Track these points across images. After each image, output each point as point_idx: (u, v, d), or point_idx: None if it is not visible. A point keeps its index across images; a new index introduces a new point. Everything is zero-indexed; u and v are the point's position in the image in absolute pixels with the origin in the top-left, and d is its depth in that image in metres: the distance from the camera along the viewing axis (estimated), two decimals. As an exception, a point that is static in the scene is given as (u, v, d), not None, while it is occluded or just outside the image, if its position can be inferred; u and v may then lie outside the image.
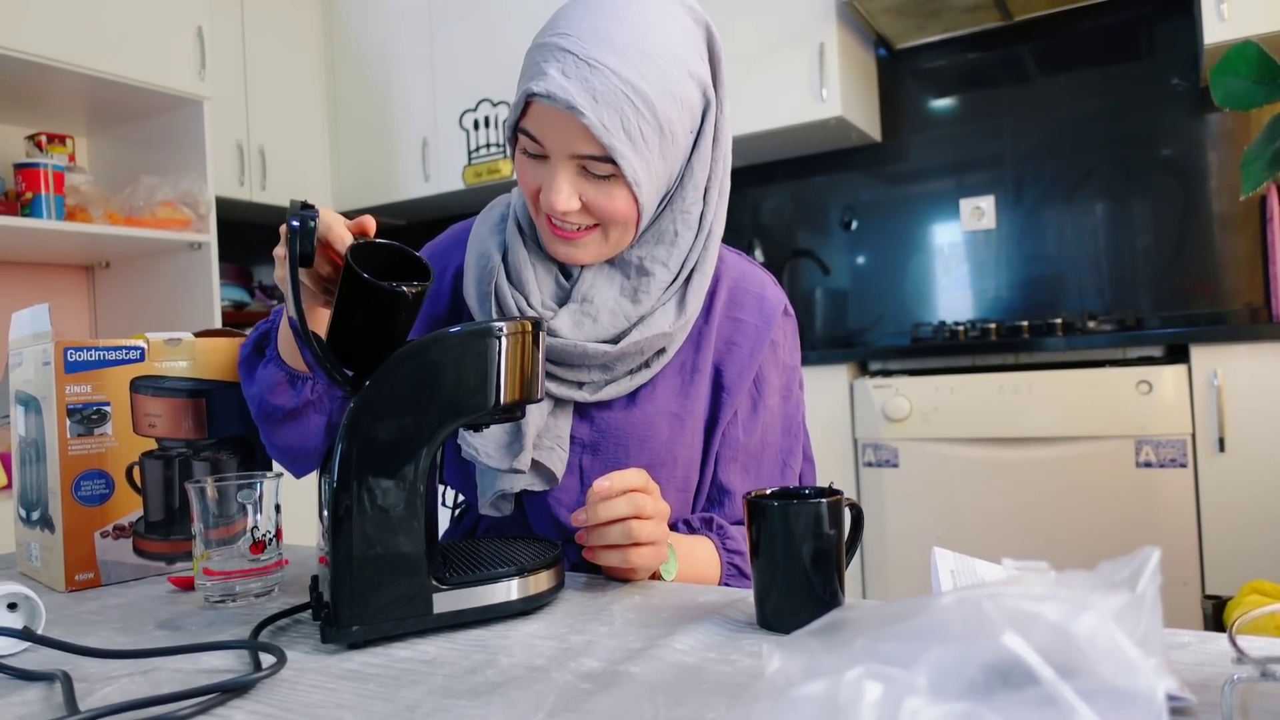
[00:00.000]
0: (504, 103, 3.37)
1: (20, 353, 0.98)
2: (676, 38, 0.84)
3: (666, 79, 0.83)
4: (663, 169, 0.87)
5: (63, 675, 0.60)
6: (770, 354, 1.00)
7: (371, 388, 0.68)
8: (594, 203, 0.86)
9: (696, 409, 0.96)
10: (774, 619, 0.66)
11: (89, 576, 0.91)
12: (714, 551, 0.93)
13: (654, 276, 0.92)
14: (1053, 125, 2.86)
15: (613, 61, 0.81)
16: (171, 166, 2.81)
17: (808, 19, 2.81)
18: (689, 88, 0.86)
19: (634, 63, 0.81)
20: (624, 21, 0.82)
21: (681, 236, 0.92)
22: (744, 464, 0.99)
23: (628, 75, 0.81)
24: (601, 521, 0.76)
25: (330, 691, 0.58)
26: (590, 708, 0.52)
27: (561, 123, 0.82)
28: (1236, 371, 2.07)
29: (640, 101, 0.82)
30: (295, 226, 0.69)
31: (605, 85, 0.80)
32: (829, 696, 0.33)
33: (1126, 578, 0.36)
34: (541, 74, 0.82)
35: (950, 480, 2.37)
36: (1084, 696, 0.31)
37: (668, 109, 0.84)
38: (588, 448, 0.94)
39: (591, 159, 0.83)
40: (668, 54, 0.83)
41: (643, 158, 0.84)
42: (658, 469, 0.94)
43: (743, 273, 1.02)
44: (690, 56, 0.86)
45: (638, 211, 0.88)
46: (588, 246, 0.90)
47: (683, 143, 0.88)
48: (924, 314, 3.08)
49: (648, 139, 0.83)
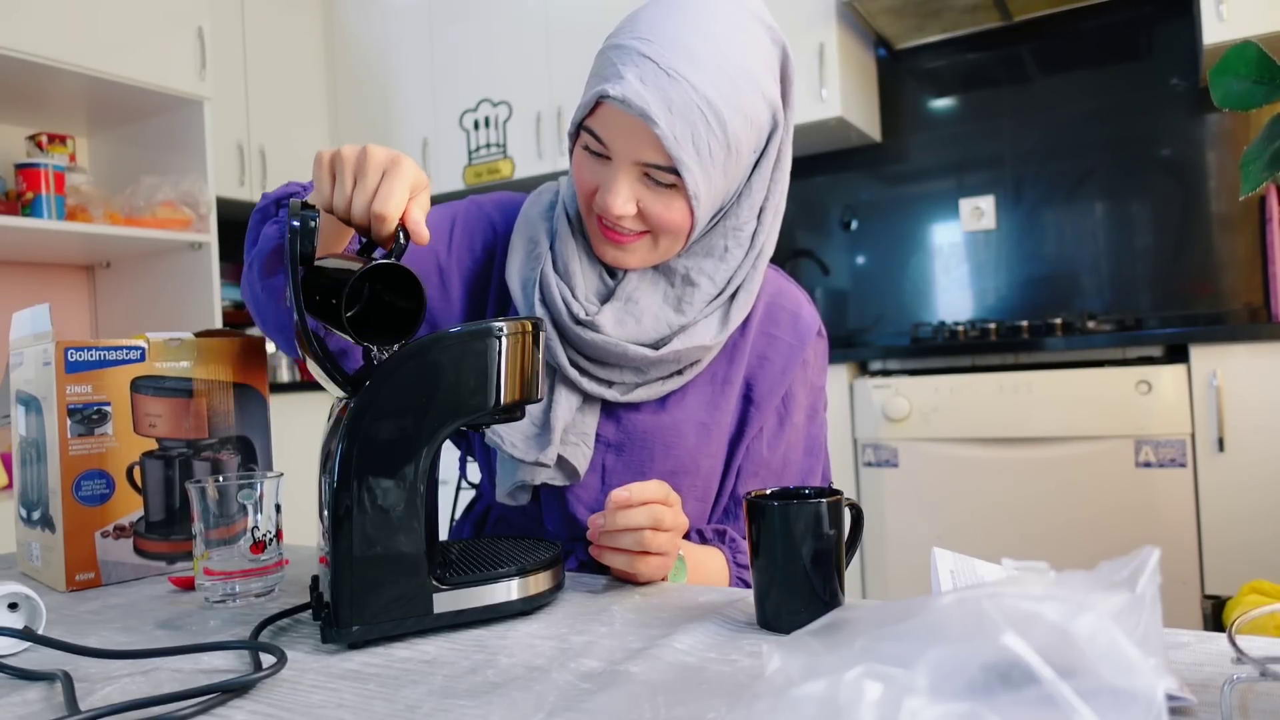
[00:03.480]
0: (504, 103, 3.37)
1: (21, 353, 0.99)
2: (754, 56, 0.84)
3: (740, 98, 0.82)
4: (723, 185, 0.86)
5: (63, 675, 0.60)
6: (801, 373, 1.00)
7: (371, 388, 0.68)
8: (650, 211, 0.85)
9: (724, 420, 0.96)
10: (774, 619, 0.66)
11: (89, 576, 0.91)
12: (724, 564, 0.93)
13: (699, 288, 0.92)
14: (1053, 125, 2.86)
15: (691, 74, 0.80)
16: (172, 166, 2.81)
17: (807, 19, 2.81)
18: (760, 108, 0.85)
19: (711, 77, 0.80)
20: (705, 34, 0.81)
21: (731, 253, 0.92)
22: (764, 480, 0.99)
23: (704, 90, 0.80)
24: (618, 529, 0.76)
25: (330, 691, 0.58)
26: (590, 708, 0.52)
27: (631, 128, 0.81)
28: (1236, 371, 2.07)
29: (713, 117, 0.81)
30: (295, 226, 0.69)
31: (681, 97, 0.80)
32: (829, 696, 0.33)
33: (1126, 578, 0.36)
34: (619, 77, 0.81)
35: (950, 480, 2.37)
36: (1084, 696, 0.31)
37: (738, 128, 0.83)
38: (612, 447, 0.94)
39: (656, 168, 0.83)
40: (744, 72, 0.82)
41: (706, 173, 0.83)
42: (680, 476, 0.93)
43: (780, 290, 1.02)
44: (765, 77, 0.85)
45: (691, 224, 0.87)
46: (636, 252, 0.89)
47: (746, 161, 0.87)
48: (924, 314, 3.08)
49: (714, 155, 0.83)
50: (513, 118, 3.35)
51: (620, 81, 0.80)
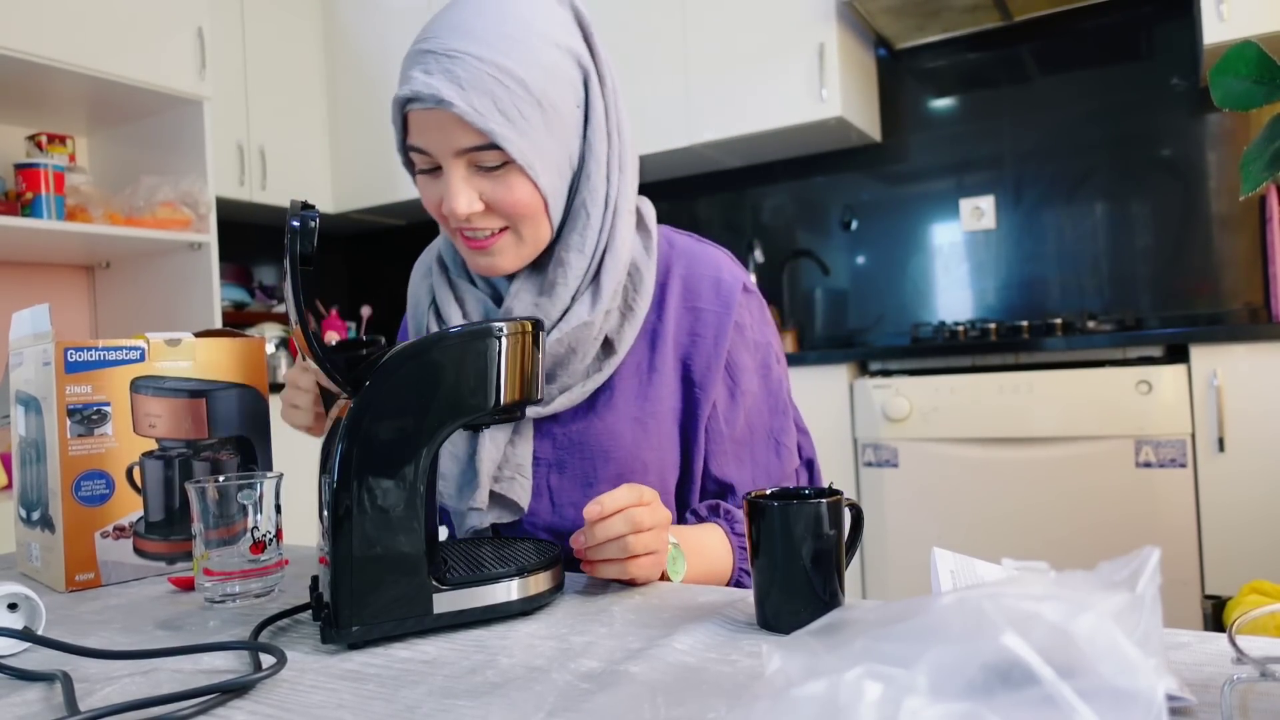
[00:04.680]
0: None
1: (20, 353, 0.98)
2: (537, 14, 0.84)
3: (531, 53, 0.82)
4: (554, 146, 0.85)
5: (63, 675, 0.60)
6: (738, 337, 0.96)
7: (372, 388, 0.68)
8: (494, 198, 0.85)
9: (661, 410, 0.94)
10: (774, 619, 0.66)
11: (89, 577, 0.91)
12: (724, 537, 0.91)
13: (570, 266, 0.89)
14: (1053, 125, 2.86)
15: (473, 48, 0.80)
16: (171, 166, 2.81)
17: (808, 19, 2.81)
18: (560, 59, 0.84)
19: (495, 44, 0.81)
20: (483, 12, 0.82)
21: (592, 218, 0.90)
22: (735, 454, 0.97)
23: (490, 57, 0.80)
24: (599, 542, 0.75)
25: (330, 692, 0.58)
26: (590, 708, 0.52)
27: (436, 122, 0.82)
28: (1236, 371, 2.07)
29: (509, 79, 0.81)
30: (295, 226, 0.69)
31: (468, 71, 0.80)
32: (829, 696, 0.33)
33: (1126, 578, 0.36)
34: (408, 80, 0.82)
35: (950, 480, 2.37)
36: (1084, 696, 0.31)
37: (540, 82, 0.83)
38: (554, 467, 0.93)
39: (476, 150, 0.82)
40: (528, 28, 0.83)
41: (528, 137, 0.83)
42: (628, 477, 0.92)
43: (694, 257, 0.98)
44: (556, 31, 0.85)
45: (542, 199, 0.86)
46: (504, 252, 0.88)
47: (570, 118, 0.86)
48: (924, 314, 3.08)
49: (527, 116, 0.82)
50: (513, 118, 3.34)
51: (409, 83, 0.82)
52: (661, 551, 0.79)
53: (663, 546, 0.79)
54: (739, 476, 0.97)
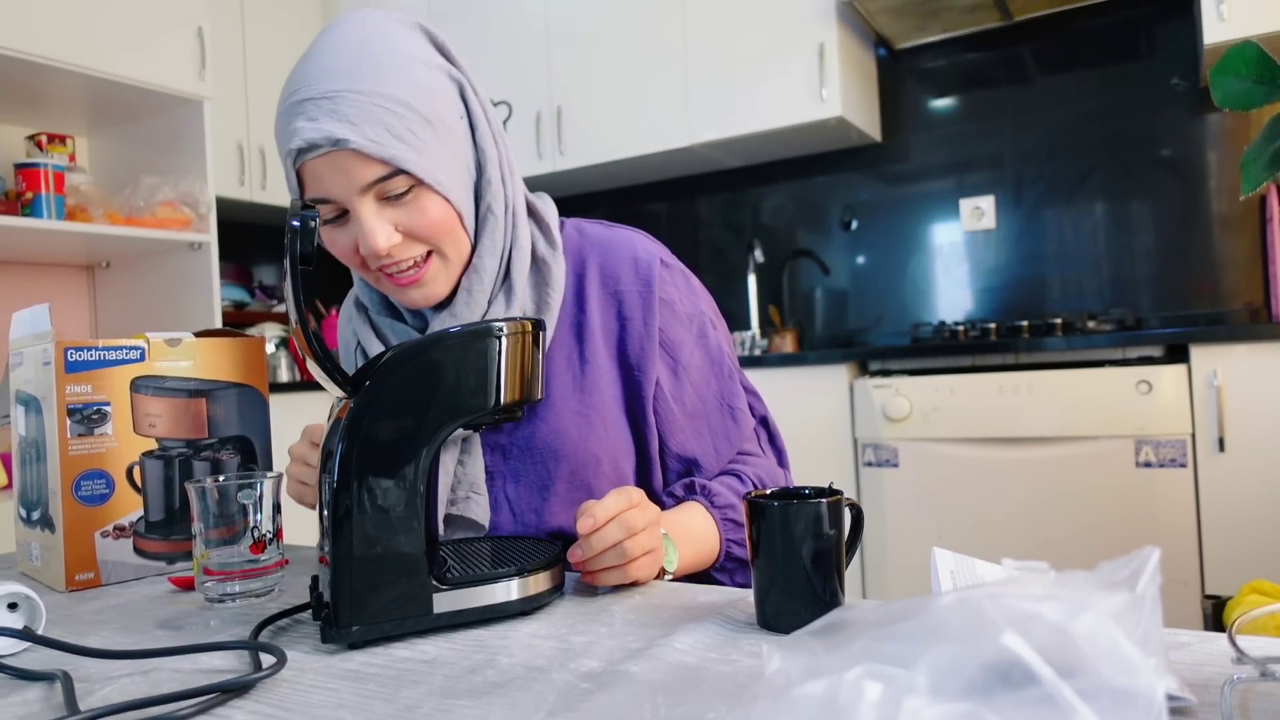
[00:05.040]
0: (504, 103, 3.36)
1: (20, 353, 0.99)
2: (395, 40, 0.84)
3: (407, 76, 0.83)
4: (452, 160, 0.86)
5: (63, 675, 0.60)
6: (669, 314, 0.96)
7: (372, 388, 0.68)
8: (410, 225, 0.85)
9: (601, 400, 0.94)
10: (774, 619, 0.66)
11: (89, 576, 0.91)
12: (705, 514, 0.92)
13: (484, 271, 0.90)
14: (1053, 125, 2.86)
15: (350, 84, 0.81)
16: (171, 166, 2.81)
17: (808, 19, 2.81)
18: (431, 75, 0.85)
19: (369, 76, 0.81)
20: (346, 52, 0.82)
21: (499, 220, 0.91)
22: (691, 428, 0.97)
23: (369, 88, 0.81)
24: (597, 553, 0.76)
25: (330, 691, 0.58)
26: (590, 708, 0.52)
27: (336, 164, 0.82)
28: (1236, 371, 2.07)
29: (394, 104, 0.81)
30: (295, 226, 0.69)
31: (353, 107, 0.80)
32: (829, 696, 0.33)
33: (1126, 578, 0.36)
34: (294, 133, 0.82)
35: (950, 480, 2.37)
36: (1084, 696, 0.31)
37: (424, 101, 0.83)
38: (508, 477, 0.93)
39: (381, 181, 0.82)
40: (392, 53, 0.83)
41: (428, 156, 0.83)
42: (583, 472, 0.93)
43: (608, 243, 0.99)
44: (419, 51, 0.85)
45: (456, 213, 0.87)
46: (435, 278, 0.89)
47: (458, 129, 0.87)
48: (924, 314, 3.08)
49: (421, 136, 0.83)
50: (513, 117, 3.34)
51: (296, 134, 0.81)
52: (657, 549, 0.80)
53: (658, 543, 0.80)
54: (700, 449, 0.98)
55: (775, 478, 1.01)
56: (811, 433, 2.53)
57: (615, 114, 3.14)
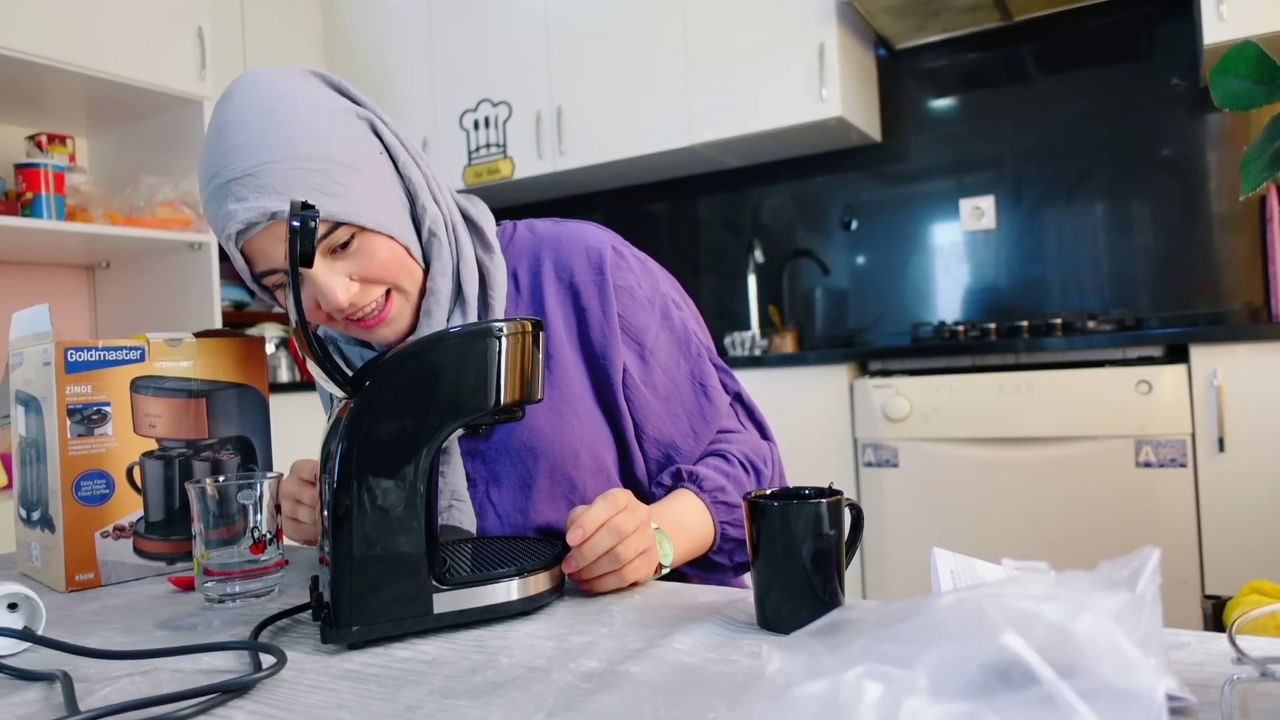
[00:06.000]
0: (504, 103, 3.36)
1: (20, 353, 0.99)
2: (297, 98, 0.84)
3: (317, 130, 0.83)
4: (382, 198, 0.87)
5: (63, 675, 0.60)
6: (627, 299, 0.97)
7: (372, 388, 0.68)
8: (364, 272, 0.86)
9: (570, 393, 0.95)
10: (774, 619, 0.66)
11: (89, 576, 0.91)
12: (696, 501, 0.92)
13: (439, 292, 0.91)
14: (1053, 125, 2.86)
15: (265, 155, 0.81)
16: (171, 166, 2.81)
17: (808, 19, 2.81)
18: (342, 120, 0.86)
19: (282, 142, 0.81)
20: (248, 123, 0.82)
21: (443, 240, 0.92)
22: (666, 410, 0.98)
23: (285, 154, 0.81)
24: (591, 561, 0.76)
25: (330, 691, 0.58)
26: (590, 708, 0.52)
27: (276, 235, 0.82)
28: (1236, 371, 2.07)
29: (314, 162, 0.82)
30: (295, 226, 0.69)
31: (276, 177, 0.81)
32: (829, 696, 0.33)
33: (1126, 578, 0.36)
34: (228, 216, 0.82)
35: (950, 480, 2.36)
36: (1084, 696, 0.31)
37: (338, 149, 0.84)
38: (490, 482, 0.94)
39: (324, 238, 0.83)
40: (300, 112, 0.83)
41: (358, 202, 0.84)
42: (563, 466, 0.93)
43: (559, 238, 0.99)
44: (319, 100, 0.85)
45: (403, 249, 0.88)
46: (400, 314, 0.90)
47: (381, 166, 0.88)
48: (924, 314, 3.08)
49: (349, 184, 0.83)
50: (513, 118, 3.35)
51: (231, 218, 0.82)
52: (651, 547, 0.80)
53: (651, 542, 0.80)
54: (676, 430, 0.98)
55: (760, 451, 1.00)
56: (811, 433, 2.53)
57: (615, 114, 3.14)
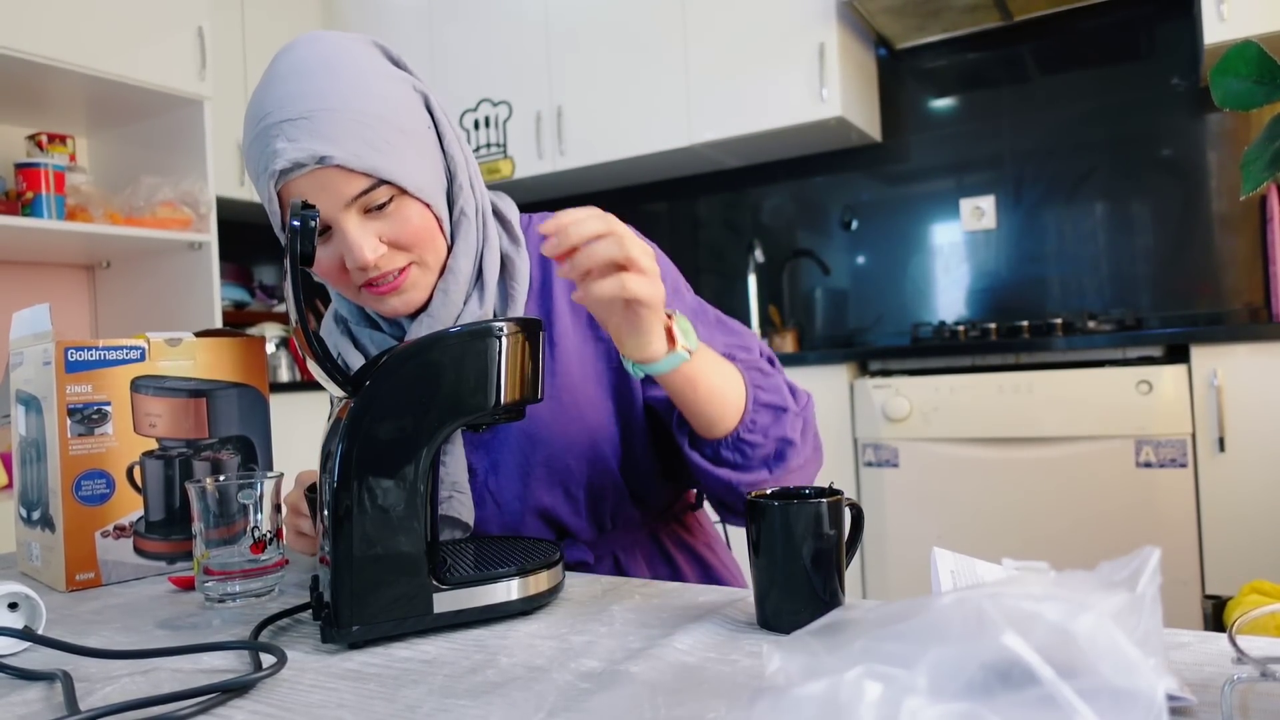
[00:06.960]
0: (504, 103, 3.36)
1: (21, 352, 0.99)
2: (357, 58, 0.85)
3: (376, 90, 0.84)
4: (426, 167, 0.87)
5: (63, 675, 0.60)
6: None
7: (372, 388, 0.68)
8: (394, 235, 0.86)
9: (571, 382, 0.94)
10: (774, 619, 0.66)
11: (89, 576, 0.91)
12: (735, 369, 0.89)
13: (459, 272, 0.91)
14: (1053, 125, 2.86)
15: (323, 103, 0.81)
16: (172, 166, 2.81)
17: (808, 19, 2.81)
18: (399, 88, 0.86)
19: (340, 94, 0.82)
20: (305, 73, 0.83)
21: (473, 223, 0.92)
22: None
23: (343, 105, 0.82)
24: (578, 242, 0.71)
25: (330, 691, 0.58)
26: (590, 708, 0.52)
27: (319, 182, 0.82)
28: (1236, 371, 2.07)
29: (368, 118, 0.82)
30: (295, 226, 0.69)
31: (330, 124, 0.81)
32: (829, 696, 0.33)
33: (1126, 578, 0.36)
34: (276, 155, 0.82)
35: (950, 480, 2.37)
36: (1084, 696, 0.31)
37: (395, 113, 0.84)
38: (489, 471, 0.94)
39: (364, 194, 0.83)
40: (360, 71, 0.84)
41: (407, 165, 0.84)
42: (561, 455, 0.93)
43: None
44: (378, 66, 0.86)
45: (436, 219, 0.88)
46: (415, 284, 0.90)
47: (428, 139, 0.88)
48: (924, 314, 3.08)
49: (397, 146, 0.84)
50: (513, 117, 3.35)
51: (278, 156, 0.82)
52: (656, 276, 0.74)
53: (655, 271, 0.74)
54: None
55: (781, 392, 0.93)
56: (811, 433, 2.52)
57: (615, 114, 3.14)
